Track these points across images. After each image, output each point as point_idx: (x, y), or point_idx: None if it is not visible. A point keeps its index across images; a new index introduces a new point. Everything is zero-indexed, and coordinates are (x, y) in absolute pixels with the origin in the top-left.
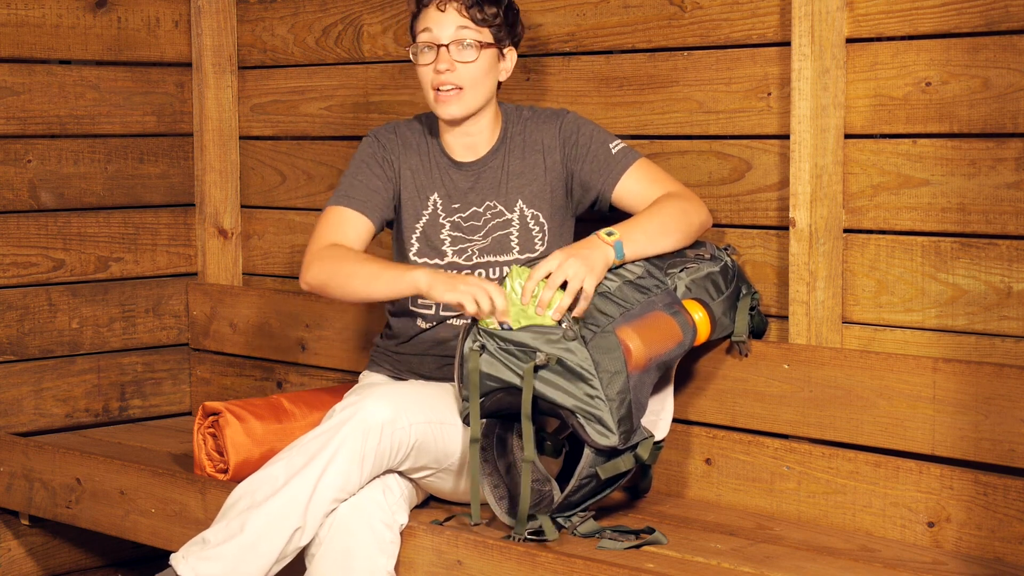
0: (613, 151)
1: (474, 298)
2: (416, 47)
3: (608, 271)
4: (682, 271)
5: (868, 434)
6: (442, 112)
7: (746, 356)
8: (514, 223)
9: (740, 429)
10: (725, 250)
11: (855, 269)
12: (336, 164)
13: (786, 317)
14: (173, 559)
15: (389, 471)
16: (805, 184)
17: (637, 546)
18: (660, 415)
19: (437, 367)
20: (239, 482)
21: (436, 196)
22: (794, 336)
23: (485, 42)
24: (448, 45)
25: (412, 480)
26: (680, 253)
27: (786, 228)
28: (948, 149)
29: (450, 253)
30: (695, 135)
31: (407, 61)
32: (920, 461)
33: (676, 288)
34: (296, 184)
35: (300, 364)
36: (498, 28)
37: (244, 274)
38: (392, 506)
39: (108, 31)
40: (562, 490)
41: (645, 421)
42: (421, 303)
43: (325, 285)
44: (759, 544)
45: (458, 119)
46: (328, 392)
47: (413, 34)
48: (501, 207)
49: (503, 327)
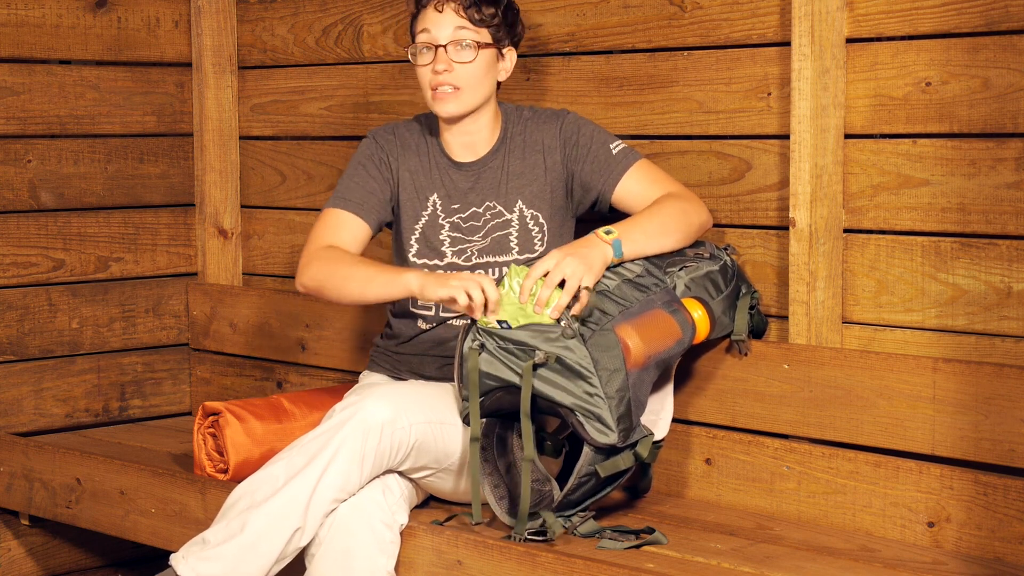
0: (614, 151)
1: (466, 291)
2: (415, 48)
3: (607, 269)
4: (681, 270)
5: (868, 434)
6: (439, 109)
7: (746, 355)
8: (513, 223)
9: (740, 429)
10: (725, 250)
11: (855, 269)
12: (336, 164)
13: (786, 317)
14: (173, 559)
15: (389, 471)
16: (805, 184)
17: (637, 546)
18: (660, 415)
19: (437, 367)
20: (239, 482)
21: (435, 197)
22: (794, 336)
23: (483, 42)
24: (446, 46)
25: (412, 480)
26: (679, 252)
27: (786, 228)
28: (948, 149)
29: (449, 254)
30: (695, 135)
31: (407, 61)
32: (920, 461)
33: (675, 287)
34: (296, 184)
35: (300, 364)
36: (497, 28)
37: (244, 274)
38: (392, 506)
39: (108, 31)
40: (561, 490)
41: (645, 420)
42: (421, 304)
43: (321, 287)
44: (759, 544)
45: (456, 117)
46: (328, 392)
47: (412, 34)
48: (501, 207)
49: (502, 326)
